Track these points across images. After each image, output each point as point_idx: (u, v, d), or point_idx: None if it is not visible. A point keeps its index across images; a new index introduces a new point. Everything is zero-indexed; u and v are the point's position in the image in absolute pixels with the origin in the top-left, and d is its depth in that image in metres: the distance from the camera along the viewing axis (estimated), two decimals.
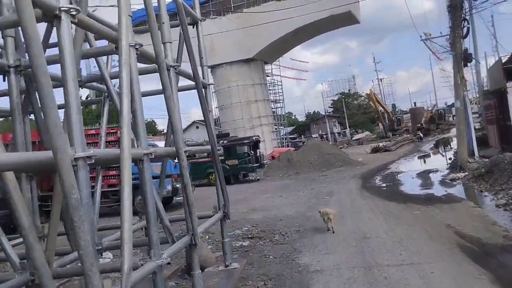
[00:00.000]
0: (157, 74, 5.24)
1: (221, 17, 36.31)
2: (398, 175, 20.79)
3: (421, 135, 46.66)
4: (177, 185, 16.68)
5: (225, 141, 26.58)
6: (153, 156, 4.40)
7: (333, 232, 9.52)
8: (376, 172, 23.41)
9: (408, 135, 48.47)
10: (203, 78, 6.87)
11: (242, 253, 8.67)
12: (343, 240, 8.99)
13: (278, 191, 19.17)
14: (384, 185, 17.88)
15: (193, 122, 64.57)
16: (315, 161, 28.12)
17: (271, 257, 8.20)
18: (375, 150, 36.59)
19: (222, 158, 25.83)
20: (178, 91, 6.04)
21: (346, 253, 7.98)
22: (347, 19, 35.57)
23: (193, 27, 7.29)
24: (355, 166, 27.18)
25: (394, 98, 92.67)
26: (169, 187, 16.60)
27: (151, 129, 62.18)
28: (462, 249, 7.57)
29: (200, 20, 7.44)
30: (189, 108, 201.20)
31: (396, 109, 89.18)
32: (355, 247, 8.34)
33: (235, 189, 22.27)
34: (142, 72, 5.71)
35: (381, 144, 38.90)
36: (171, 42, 5.63)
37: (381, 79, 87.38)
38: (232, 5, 36.31)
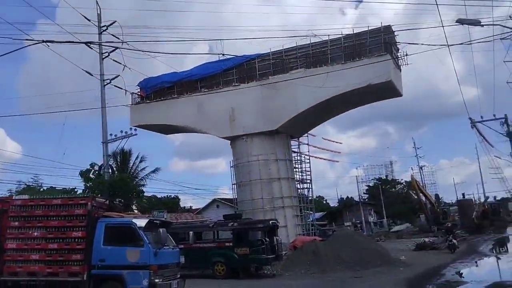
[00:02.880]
0: None
1: (245, 84, 33.65)
2: (459, 287, 16.54)
3: (454, 241, 29.45)
4: (157, 280, 12.73)
5: (235, 224, 22.61)
6: None
7: None
8: (426, 278, 18.99)
9: (460, 231, 43.25)
10: None
11: None
12: None
13: None
14: None
15: (214, 200, 61.40)
16: (347, 256, 23.53)
17: None
18: (421, 247, 31.84)
19: (231, 244, 22.11)
20: None
21: None
22: (387, 90, 32.20)
23: None
24: (397, 267, 22.57)
25: (436, 188, 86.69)
26: (145, 282, 12.60)
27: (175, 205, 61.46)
28: None
29: None
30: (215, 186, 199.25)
31: (440, 200, 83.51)
32: None
33: None
34: None
35: (426, 240, 34.04)
36: None
37: (421, 167, 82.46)
38: (258, 72, 33.87)
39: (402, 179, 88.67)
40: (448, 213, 60.03)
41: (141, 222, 13.30)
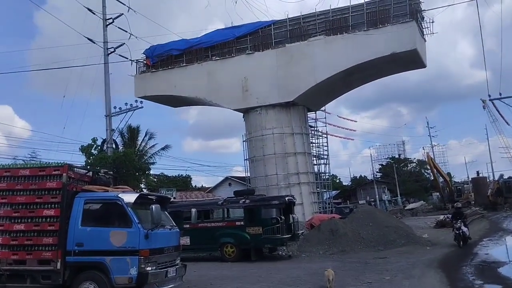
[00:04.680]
0: None
1: (259, 52, 30.41)
2: (500, 268, 13.86)
3: (464, 229, 19.77)
4: (148, 268, 9.77)
5: (246, 201, 19.60)
6: None
7: None
8: (458, 258, 16.58)
9: (477, 208, 40.40)
10: None
11: None
12: None
13: (316, 283, 11.97)
14: None
15: (226, 178, 58.53)
16: (369, 235, 20.83)
17: None
18: (442, 225, 28.84)
19: (242, 223, 19.18)
20: None
21: None
22: (411, 60, 28.96)
23: None
24: (423, 246, 19.96)
25: (447, 168, 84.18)
26: (134, 271, 9.64)
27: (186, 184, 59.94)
28: None
29: None
30: (228, 165, 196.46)
31: (452, 178, 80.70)
32: None
33: (253, 272, 15.30)
34: None
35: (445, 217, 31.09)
36: None
37: (433, 146, 79.48)
38: (273, 40, 30.57)
39: (414, 158, 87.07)
40: (463, 191, 57.67)
41: (130, 198, 10.28)
